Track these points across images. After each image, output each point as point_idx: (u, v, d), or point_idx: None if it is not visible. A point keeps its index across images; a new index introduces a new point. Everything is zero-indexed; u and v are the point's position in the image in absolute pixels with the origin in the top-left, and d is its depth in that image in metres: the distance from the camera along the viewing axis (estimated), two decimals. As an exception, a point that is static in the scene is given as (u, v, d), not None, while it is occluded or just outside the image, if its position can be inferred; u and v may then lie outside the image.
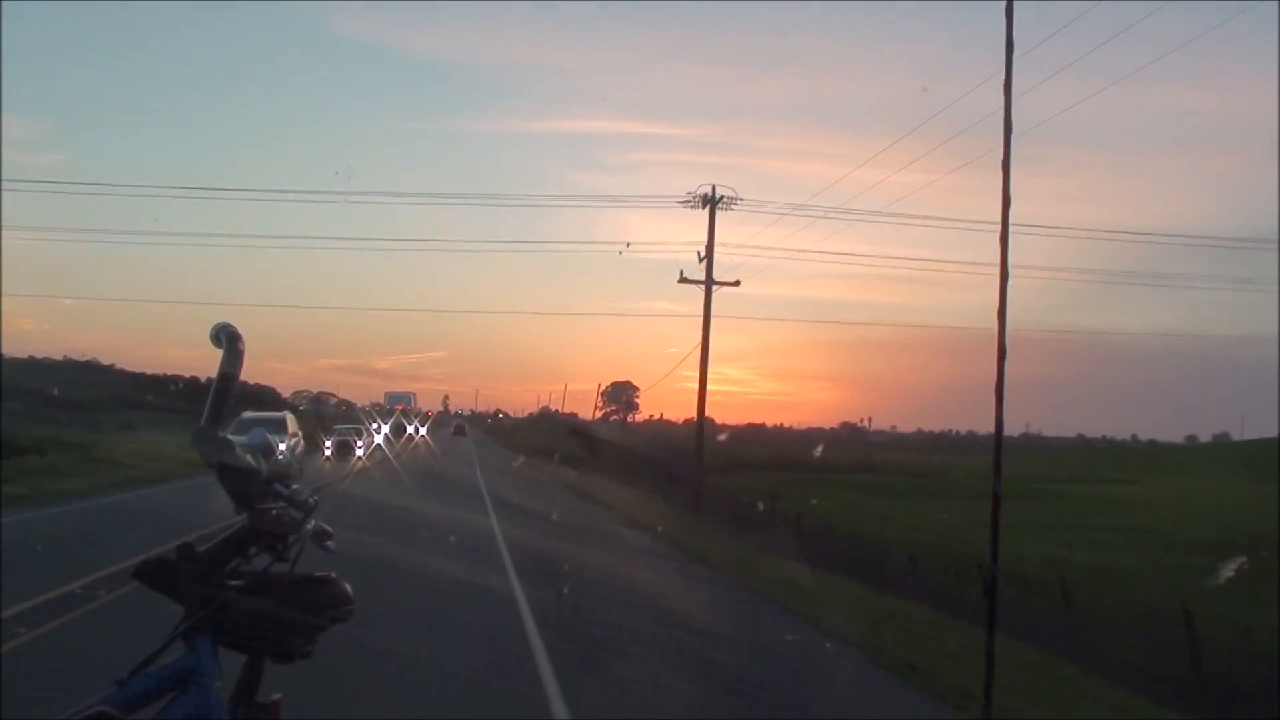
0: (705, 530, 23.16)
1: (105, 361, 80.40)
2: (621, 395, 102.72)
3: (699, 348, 31.38)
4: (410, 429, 67.27)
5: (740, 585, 14.05)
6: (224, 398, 2.23)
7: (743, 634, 10.20)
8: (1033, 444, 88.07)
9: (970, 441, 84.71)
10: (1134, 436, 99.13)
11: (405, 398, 75.69)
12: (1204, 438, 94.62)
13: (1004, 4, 2.96)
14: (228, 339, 2.24)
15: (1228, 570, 18.00)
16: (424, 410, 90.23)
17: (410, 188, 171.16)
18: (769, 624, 10.97)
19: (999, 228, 3.62)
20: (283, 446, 27.96)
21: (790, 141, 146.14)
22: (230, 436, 2.26)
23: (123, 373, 77.06)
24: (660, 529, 20.27)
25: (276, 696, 2.27)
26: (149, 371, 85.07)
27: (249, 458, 2.27)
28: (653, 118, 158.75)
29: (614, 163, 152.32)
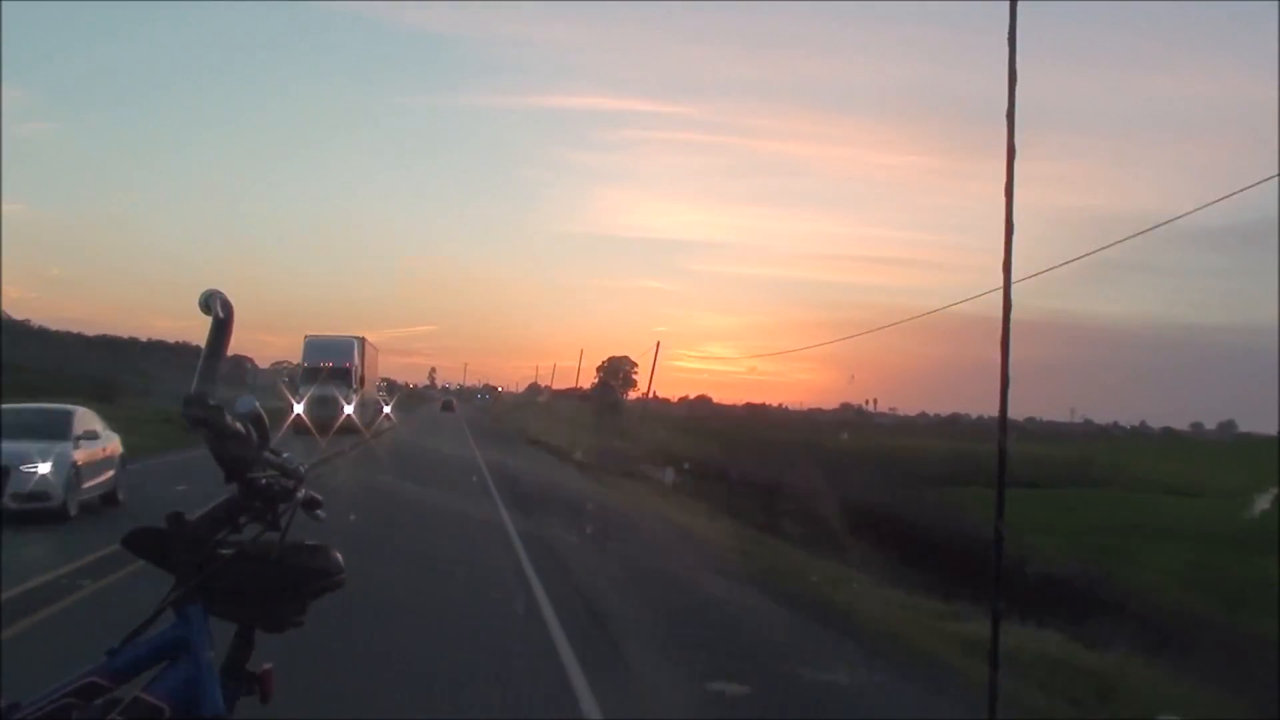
0: None
1: (19, 316, 71.10)
2: (619, 372, 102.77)
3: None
4: (350, 408, 37.89)
5: None
6: (214, 364, 2.29)
7: None
8: (1057, 431, 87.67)
9: (981, 426, 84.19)
10: (1144, 423, 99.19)
11: (340, 348, 41.08)
12: (1209, 425, 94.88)
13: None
14: (218, 306, 2.29)
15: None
16: (386, 379, 67.71)
17: (399, 161, 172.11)
18: None
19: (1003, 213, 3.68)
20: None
21: (785, 122, 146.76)
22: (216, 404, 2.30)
23: (43, 332, 69.59)
24: None
25: (268, 666, 2.34)
26: (79, 332, 78.28)
27: (239, 426, 2.33)
28: (643, 95, 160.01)
29: (603, 140, 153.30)
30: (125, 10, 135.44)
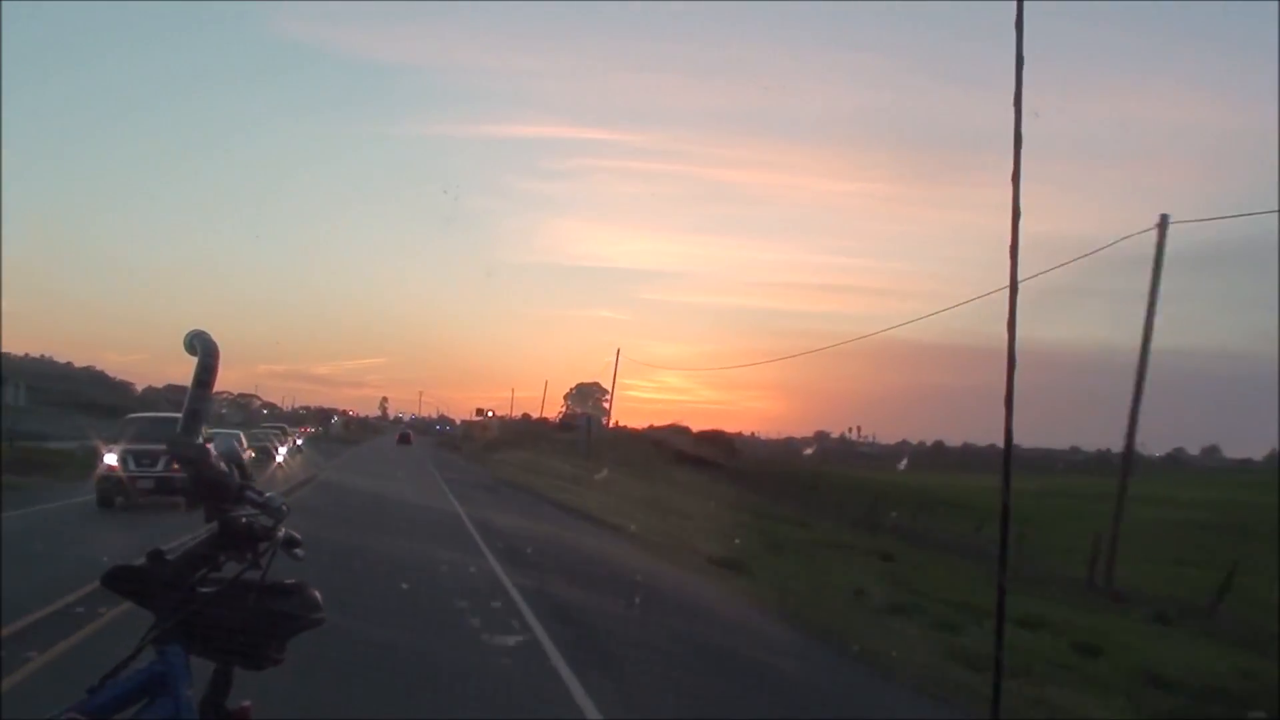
0: None
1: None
2: (588, 399, 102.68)
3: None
4: None
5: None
6: (200, 405, 2.45)
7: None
8: (1051, 459, 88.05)
9: (969, 454, 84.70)
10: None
11: None
12: (1192, 450, 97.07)
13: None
14: (202, 346, 2.46)
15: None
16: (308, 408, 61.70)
17: (350, 192, 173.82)
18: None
19: (1009, 238, 3.91)
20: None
21: (736, 150, 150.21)
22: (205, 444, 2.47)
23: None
24: None
25: (246, 703, 2.49)
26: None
27: (222, 465, 2.48)
28: (594, 123, 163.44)
29: (554, 168, 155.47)
30: (63, 39, 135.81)
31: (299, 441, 55.55)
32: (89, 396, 71.00)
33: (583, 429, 58.58)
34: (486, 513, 23.14)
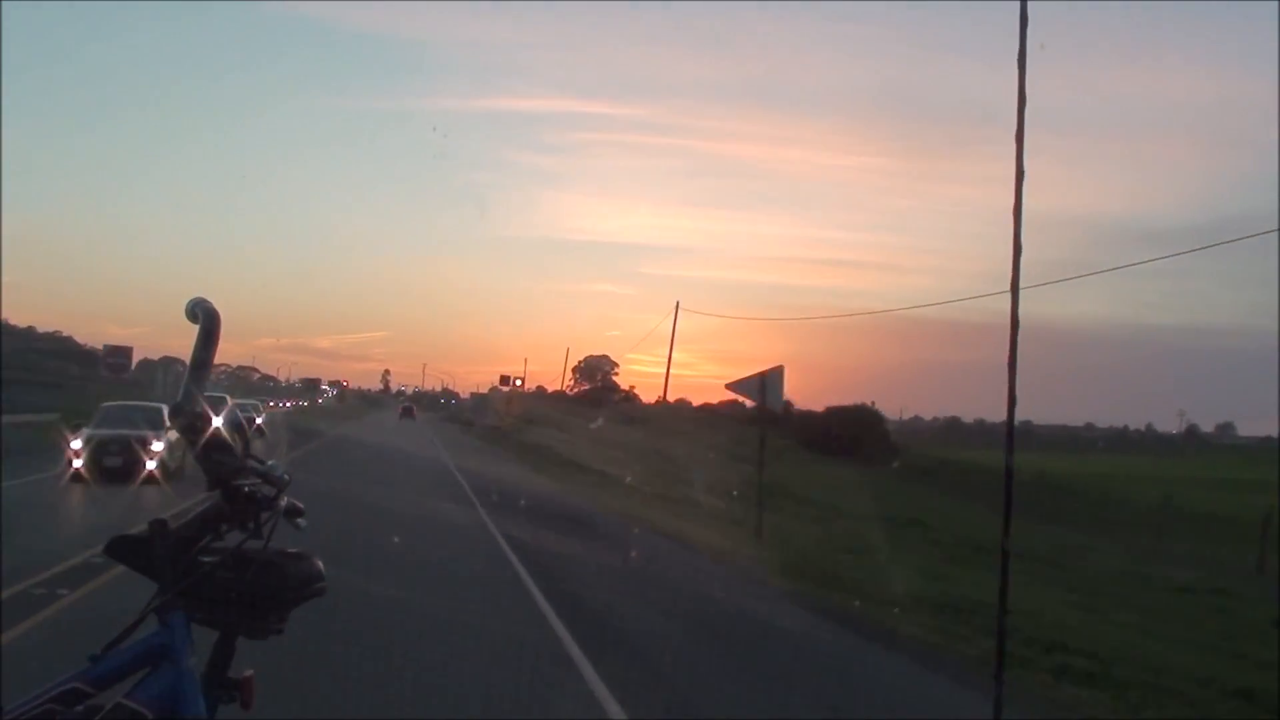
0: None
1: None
2: (597, 372, 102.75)
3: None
4: None
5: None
6: (202, 373, 2.46)
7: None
8: (1072, 438, 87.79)
9: (983, 430, 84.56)
10: (1150, 426, 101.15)
11: None
12: (1206, 428, 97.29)
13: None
14: (204, 315, 2.47)
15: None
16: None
17: (344, 167, 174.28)
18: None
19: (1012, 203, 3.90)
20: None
21: (739, 124, 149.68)
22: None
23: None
24: None
25: (249, 673, 2.52)
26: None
27: (225, 434, 2.50)
28: (595, 97, 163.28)
29: (554, 142, 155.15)
30: (75, 21, 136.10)
31: (259, 421, 40.12)
32: (47, 368, 64.44)
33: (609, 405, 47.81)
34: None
